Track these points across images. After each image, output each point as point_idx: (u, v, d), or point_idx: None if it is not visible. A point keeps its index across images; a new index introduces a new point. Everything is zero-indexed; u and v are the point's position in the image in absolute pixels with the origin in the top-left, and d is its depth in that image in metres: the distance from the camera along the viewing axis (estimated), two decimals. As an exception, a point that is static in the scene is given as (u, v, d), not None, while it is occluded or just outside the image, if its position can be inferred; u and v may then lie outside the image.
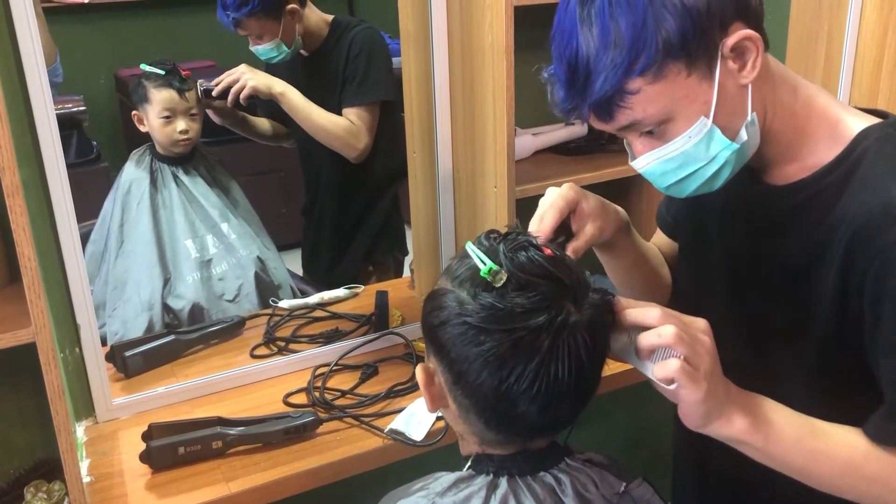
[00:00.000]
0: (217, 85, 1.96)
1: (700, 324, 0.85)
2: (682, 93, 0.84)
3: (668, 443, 2.01)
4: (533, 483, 0.85)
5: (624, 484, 0.88)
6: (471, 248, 0.84)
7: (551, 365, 0.79)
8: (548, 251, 0.84)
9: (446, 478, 0.87)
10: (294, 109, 1.97)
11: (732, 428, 0.85)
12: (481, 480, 0.86)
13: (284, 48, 2.01)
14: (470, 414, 0.84)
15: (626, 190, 1.79)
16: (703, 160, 0.88)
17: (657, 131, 0.88)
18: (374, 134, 2.00)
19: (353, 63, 2.02)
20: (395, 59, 2.09)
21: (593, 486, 0.86)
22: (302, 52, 2.08)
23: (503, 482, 0.85)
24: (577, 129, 1.73)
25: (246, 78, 1.94)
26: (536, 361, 0.78)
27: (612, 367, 1.60)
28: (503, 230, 0.88)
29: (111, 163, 2.89)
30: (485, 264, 0.81)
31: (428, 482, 0.88)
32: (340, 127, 1.98)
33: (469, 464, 0.89)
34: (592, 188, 1.66)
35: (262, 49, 2.03)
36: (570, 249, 0.99)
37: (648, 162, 0.91)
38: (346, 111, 1.99)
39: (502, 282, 0.80)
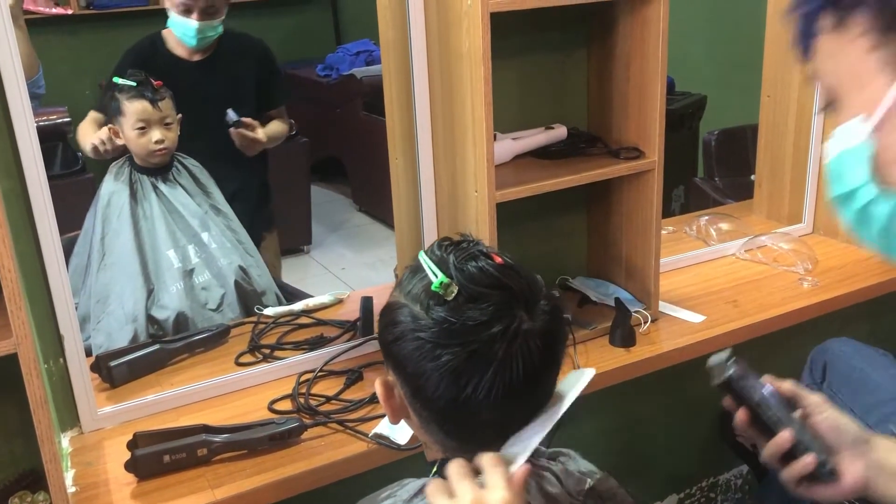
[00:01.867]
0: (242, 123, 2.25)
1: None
2: (852, 68, 0.61)
3: (658, 443, 2.03)
4: None
5: (589, 480, 0.90)
6: (423, 259, 0.85)
7: (506, 373, 0.80)
8: (498, 259, 0.85)
9: (413, 484, 0.89)
10: (273, 140, 2.38)
11: None
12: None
13: (220, 28, 2.19)
14: (431, 425, 0.86)
15: (606, 192, 1.81)
16: (848, 184, 0.64)
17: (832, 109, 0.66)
18: None
19: (271, 68, 2.43)
20: (379, 66, 2.18)
21: (558, 483, 0.88)
22: (193, 57, 2.27)
23: None
24: (557, 133, 1.74)
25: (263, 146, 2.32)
26: (491, 371, 0.80)
27: (596, 367, 1.62)
28: (457, 237, 0.89)
29: (97, 174, 2.89)
30: (437, 277, 0.82)
31: (395, 489, 0.89)
32: (286, 128, 2.44)
33: (434, 469, 0.90)
34: (572, 191, 1.69)
35: (211, 25, 2.18)
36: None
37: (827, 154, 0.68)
38: (277, 109, 2.43)
39: (454, 294, 0.81)
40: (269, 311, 1.86)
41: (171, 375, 1.62)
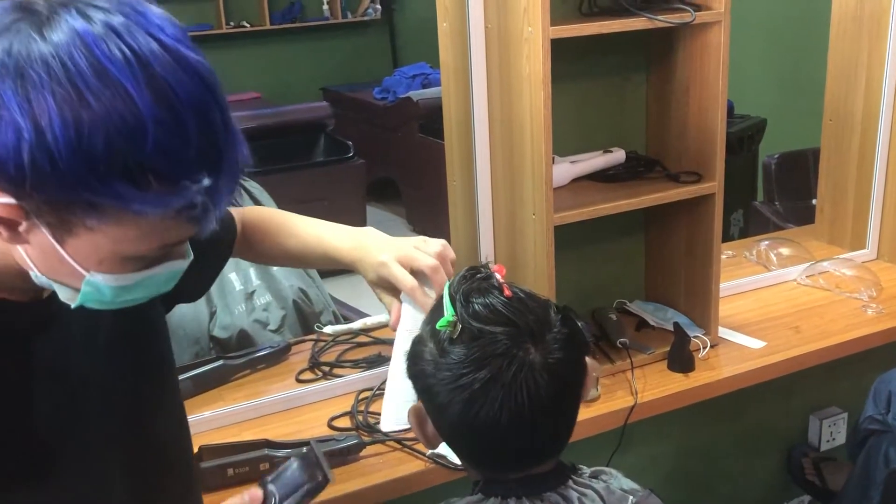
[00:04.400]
0: None
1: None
2: None
3: (716, 471, 2.00)
4: (541, 503, 0.89)
5: (631, 498, 0.90)
6: (445, 293, 0.89)
7: (513, 404, 0.83)
8: (507, 292, 0.87)
9: (458, 502, 0.91)
10: None
11: None
12: (491, 502, 0.90)
13: None
14: (459, 452, 0.91)
15: (665, 216, 1.80)
16: None
17: None
18: None
19: None
20: (435, 89, 2.13)
21: (601, 501, 0.89)
22: None
23: (511, 503, 0.89)
24: (616, 157, 1.75)
25: None
26: (499, 403, 0.83)
27: (654, 392, 1.62)
28: (484, 264, 0.93)
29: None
30: (447, 312, 0.86)
31: None
32: None
33: (479, 487, 0.93)
34: (631, 215, 1.69)
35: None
36: None
37: None
38: None
39: (458, 333, 0.85)
40: (328, 329, 1.89)
41: (233, 391, 1.66)
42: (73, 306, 0.75)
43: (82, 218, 0.65)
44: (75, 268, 0.70)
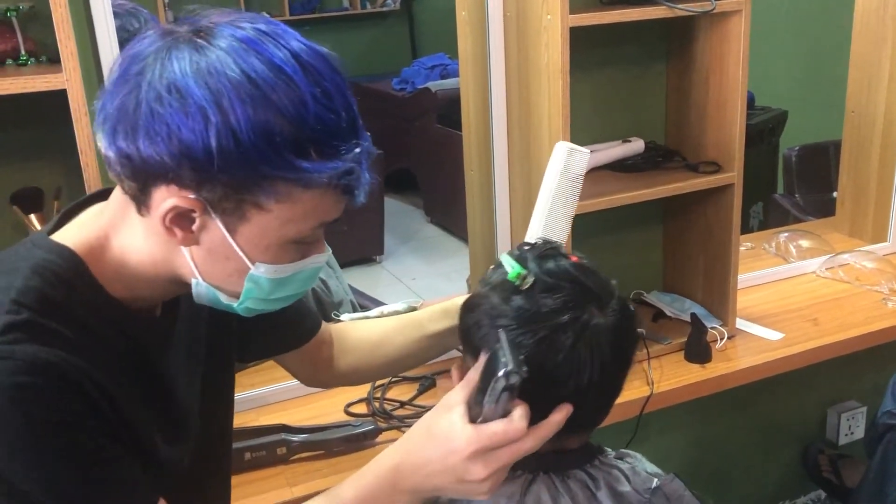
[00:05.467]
0: None
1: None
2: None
3: (732, 462, 2.00)
4: (567, 480, 0.90)
5: (655, 480, 0.91)
6: (504, 257, 0.90)
7: (575, 362, 0.83)
8: (574, 258, 0.89)
9: None
10: None
11: None
12: (519, 476, 0.90)
13: None
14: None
15: (683, 207, 1.79)
16: None
17: None
18: None
19: None
20: (454, 80, 2.11)
21: (626, 482, 0.89)
22: None
23: (539, 478, 0.90)
24: (634, 146, 1.74)
25: None
26: (561, 359, 0.83)
27: (670, 382, 1.61)
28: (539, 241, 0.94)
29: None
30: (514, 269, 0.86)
31: None
32: None
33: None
34: (649, 205, 1.69)
35: None
36: None
37: None
38: None
39: (529, 284, 0.85)
40: (345, 318, 1.90)
41: (251, 376, 1.67)
42: (235, 306, 0.81)
43: (258, 196, 0.72)
44: (242, 259, 0.76)
